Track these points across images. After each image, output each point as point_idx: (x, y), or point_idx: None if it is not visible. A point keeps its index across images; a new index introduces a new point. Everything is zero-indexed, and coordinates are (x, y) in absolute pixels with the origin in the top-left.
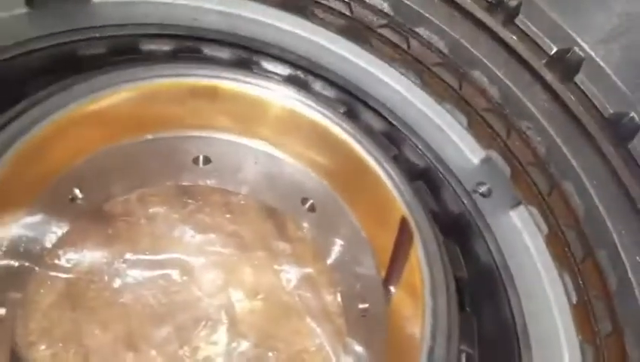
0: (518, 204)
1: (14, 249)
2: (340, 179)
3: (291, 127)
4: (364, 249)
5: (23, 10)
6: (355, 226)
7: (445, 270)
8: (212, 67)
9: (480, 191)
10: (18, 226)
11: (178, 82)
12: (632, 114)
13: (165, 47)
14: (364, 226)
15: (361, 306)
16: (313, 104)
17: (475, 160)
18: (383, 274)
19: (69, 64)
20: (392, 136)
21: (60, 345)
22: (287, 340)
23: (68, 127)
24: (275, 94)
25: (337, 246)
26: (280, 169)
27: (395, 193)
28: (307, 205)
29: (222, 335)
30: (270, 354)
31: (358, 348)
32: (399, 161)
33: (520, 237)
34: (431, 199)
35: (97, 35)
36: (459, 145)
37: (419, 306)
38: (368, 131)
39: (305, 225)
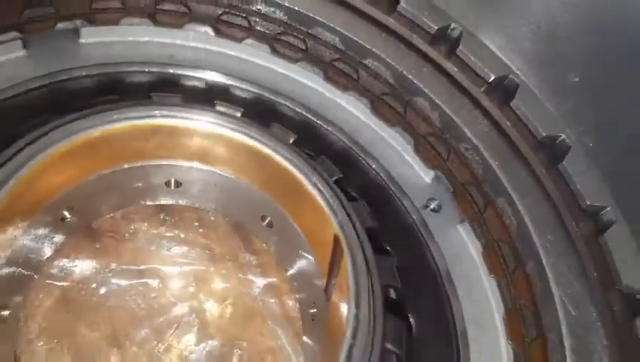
0: (464, 219)
1: (17, 259)
2: (287, 201)
3: (244, 157)
4: (311, 262)
5: (20, 53)
6: (304, 242)
7: (372, 281)
8: (170, 108)
9: (431, 206)
10: (19, 241)
11: (142, 123)
12: (563, 136)
13: (145, 81)
14: (310, 242)
15: (311, 311)
16: (260, 137)
17: (427, 178)
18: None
19: (59, 103)
20: (346, 156)
21: (55, 341)
22: (251, 340)
23: (58, 161)
24: (227, 129)
25: (295, 258)
26: (239, 191)
27: (330, 214)
28: (266, 222)
29: (192, 335)
30: (235, 352)
31: (312, 346)
32: (349, 180)
33: (465, 249)
34: (373, 216)
35: (85, 73)
36: (411, 165)
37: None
38: (313, 158)
39: (268, 239)
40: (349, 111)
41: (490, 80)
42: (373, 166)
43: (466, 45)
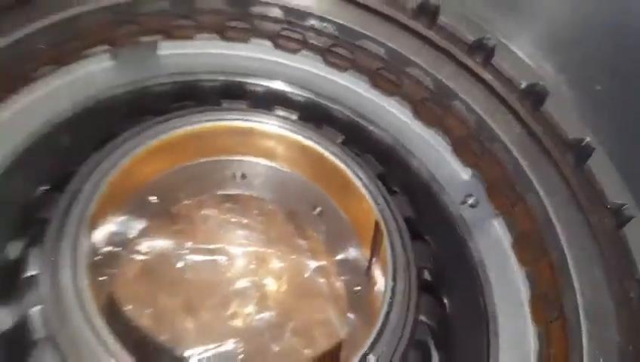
0: (498, 214)
1: (111, 238)
2: (336, 193)
3: (299, 154)
4: (356, 247)
5: (109, 63)
6: (350, 229)
7: (408, 261)
8: (237, 112)
9: (469, 202)
10: (114, 223)
11: (214, 125)
12: (588, 139)
13: (215, 88)
14: (355, 229)
15: (355, 288)
16: (313, 137)
17: (466, 176)
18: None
19: (143, 106)
20: (389, 155)
21: (139, 306)
22: (302, 313)
23: (147, 155)
24: (285, 130)
25: (342, 244)
26: (294, 183)
27: (372, 203)
28: (316, 211)
29: (253, 306)
30: (289, 322)
31: (354, 320)
32: (392, 175)
33: (497, 241)
34: (412, 208)
35: (163, 81)
36: (450, 163)
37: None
38: (359, 155)
39: (318, 226)
40: (393, 114)
41: (523, 86)
42: (415, 164)
43: (499, 54)
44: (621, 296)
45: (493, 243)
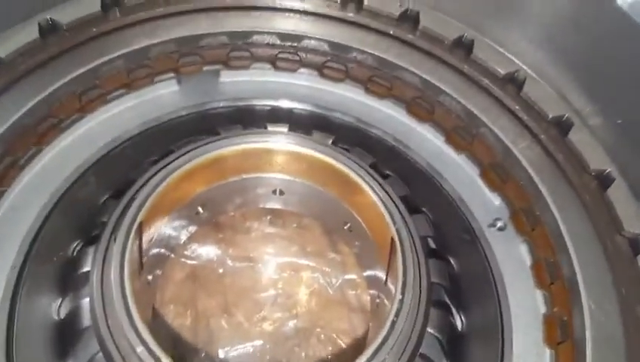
0: (524, 239)
1: (161, 242)
2: (362, 211)
3: (331, 175)
4: (379, 260)
5: (174, 88)
6: (374, 245)
7: (419, 277)
8: (278, 136)
9: (497, 225)
10: (164, 228)
11: (257, 147)
12: (609, 170)
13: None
14: (377, 244)
15: (377, 301)
16: (343, 161)
17: (495, 201)
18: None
19: (203, 126)
20: (421, 177)
21: (182, 306)
22: (328, 322)
23: (198, 170)
24: (320, 153)
25: (371, 259)
26: (327, 201)
27: (389, 221)
28: (347, 227)
29: (283, 312)
30: (315, 330)
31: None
32: (419, 196)
33: (519, 263)
34: (435, 227)
35: (222, 105)
36: (480, 187)
37: None
38: (386, 177)
39: (350, 242)
40: (428, 139)
41: (550, 118)
42: (445, 186)
43: (529, 87)
44: (631, 323)
45: (515, 264)
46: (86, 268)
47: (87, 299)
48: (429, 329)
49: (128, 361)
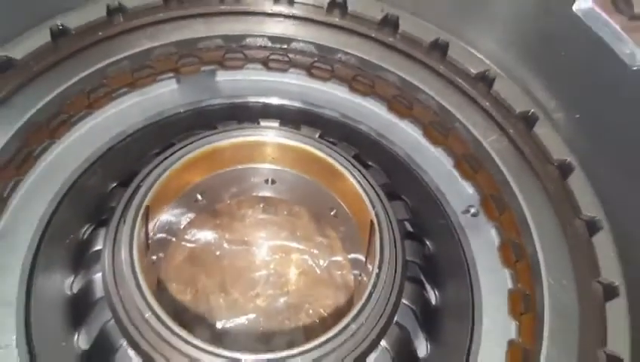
0: (493, 223)
1: (163, 227)
2: (346, 198)
3: (318, 165)
4: (361, 244)
5: (174, 86)
6: (357, 230)
7: (395, 254)
8: (269, 130)
9: (471, 212)
10: (166, 215)
11: (251, 140)
12: (569, 160)
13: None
14: (359, 228)
15: (360, 279)
16: (329, 152)
17: (469, 190)
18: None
19: (200, 122)
20: (401, 168)
21: (183, 284)
22: (316, 299)
23: (197, 160)
24: (307, 145)
25: (354, 242)
26: (315, 189)
27: (369, 206)
28: (333, 213)
29: (275, 289)
30: (305, 305)
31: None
32: (399, 186)
33: (488, 244)
34: (412, 212)
35: (218, 102)
36: (456, 177)
37: None
38: (368, 167)
39: (336, 226)
40: (407, 133)
41: (517, 113)
42: (423, 176)
43: (498, 85)
44: (586, 295)
45: (485, 246)
46: (97, 248)
47: (99, 274)
48: (404, 301)
49: (138, 326)
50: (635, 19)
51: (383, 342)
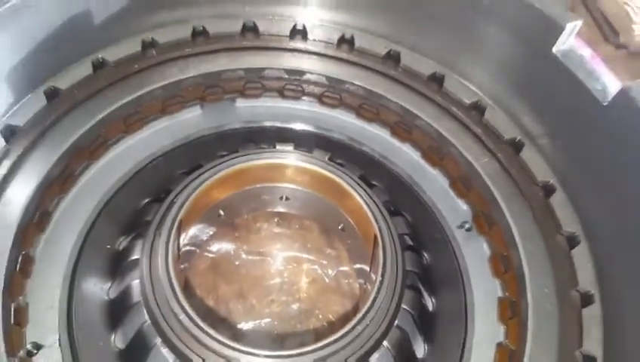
0: (484, 237)
1: (190, 241)
2: (352, 213)
3: (327, 185)
4: (366, 255)
5: (199, 112)
6: (362, 243)
7: (397, 264)
8: (285, 153)
9: (466, 227)
10: (192, 229)
11: (268, 162)
12: (552, 181)
13: (273, 132)
14: (364, 241)
15: (364, 286)
16: (337, 173)
17: (464, 207)
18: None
19: (222, 145)
20: (402, 187)
21: (205, 291)
22: (325, 306)
23: (220, 180)
24: (318, 167)
25: (362, 255)
26: (325, 206)
27: (373, 222)
28: (340, 227)
29: (288, 297)
30: (315, 312)
31: None
32: (398, 203)
33: (480, 256)
34: (412, 228)
35: (238, 126)
36: (452, 196)
37: None
38: (372, 186)
39: (344, 240)
40: (407, 156)
41: (505, 139)
42: (421, 194)
43: (489, 114)
44: (566, 304)
45: (477, 258)
46: (133, 257)
47: (136, 281)
48: (404, 306)
49: (172, 326)
50: (621, 47)
51: (385, 343)
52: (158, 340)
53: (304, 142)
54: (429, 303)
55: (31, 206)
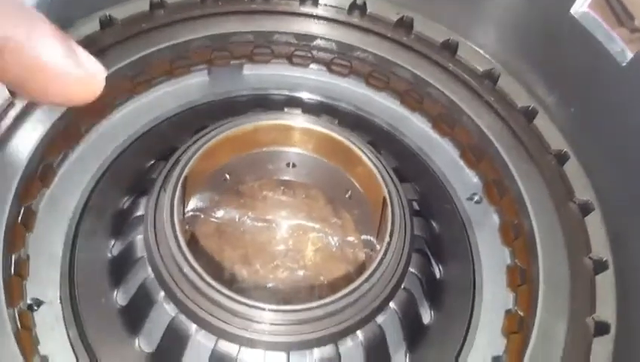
0: (493, 206)
1: (194, 205)
2: (361, 180)
3: (336, 149)
4: (373, 226)
5: (206, 78)
6: (369, 212)
7: (405, 227)
8: (294, 115)
9: (475, 199)
10: (197, 195)
11: (275, 123)
12: (565, 150)
13: (281, 100)
14: (373, 208)
15: (370, 255)
16: (347, 137)
17: (474, 178)
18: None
19: (229, 110)
20: (410, 156)
21: (209, 256)
22: (330, 273)
23: (224, 143)
24: (327, 130)
25: (366, 221)
26: (332, 172)
27: (382, 184)
28: (348, 195)
29: (293, 263)
30: (319, 278)
31: None
32: (408, 171)
33: (489, 225)
34: (420, 194)
35: (245, 93)
36: (462, 166)
37: None
38: (381, 153)
39: (350, 208)
40: (417, 125)
41: (518, 107)
42: (430, 165)
43: (502, 82)
44: (576, 269)
45: (486, 227)
46: (138, 213)
47: (140, 236)
48: (412, 269)
49: (176, 279)
50: (636, 31)
51: (391, 305)
52: (161, 294)
53: (312, 110)
54: (437, 270)
55: (34, 158)
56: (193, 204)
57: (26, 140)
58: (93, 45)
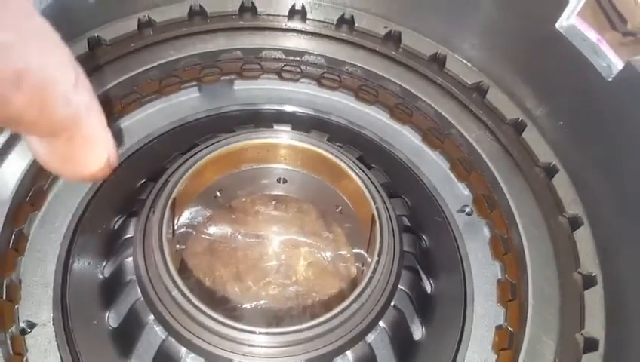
0: (483, 219)
1: (185, 223)
2: (351, 196)
3: (325, 165)
4: (364, 239)
5: (196, 94)
6: (360, 226)
7: (394, 244)
8: (282, 133)
9: (466, 211)
10: (187, 211)
11: (265, 142)
12: (554, 163)
13: (270, 115)
14: (362, 223)
15: (362, 269)
16: (335, 154)
17: (465, 191)
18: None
19: (219, 126)
20: (400, 170)
21: (202, 273)
22: (322, 289)
23: (215, 160)
24: (316, 148)
25: (358, 238)
26: (322, 188)
27: (371, 202)
28: (338, 209)
29: (285, 279)
30: (312, 294)
31: None
32: (399, 185)
33: (480, 239)
34: (410, 209)
35: (235, 108)
36: (452, 178)
37: None
38: (371, 168)
39: (341, 223)
40: (407, 138)
41: (507, 120)
42: (421, 178)
43: (491, 95)
44: (566, 285)
45: (477, 240)
46: (128, 235)
47: (130, 259)
48: (401, 287)
49: (165, 302)
50: (629, 35)
51: (381, 323)
52: (151, 317)
53: (302, 124)
54: (427, 285)
55: (25, 182)
56: (184, 221)
57: (16, 164)
58: (83, 66)
